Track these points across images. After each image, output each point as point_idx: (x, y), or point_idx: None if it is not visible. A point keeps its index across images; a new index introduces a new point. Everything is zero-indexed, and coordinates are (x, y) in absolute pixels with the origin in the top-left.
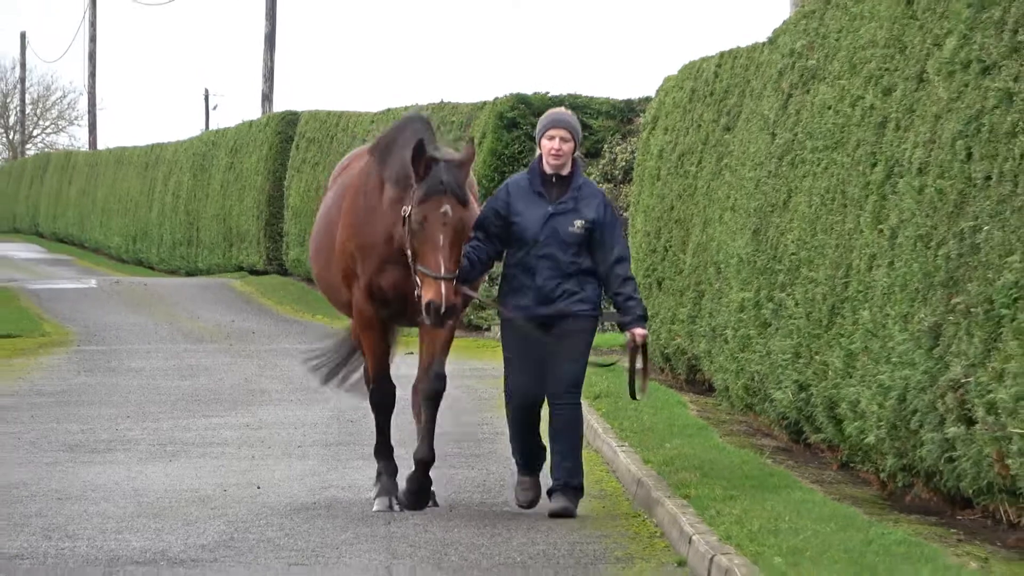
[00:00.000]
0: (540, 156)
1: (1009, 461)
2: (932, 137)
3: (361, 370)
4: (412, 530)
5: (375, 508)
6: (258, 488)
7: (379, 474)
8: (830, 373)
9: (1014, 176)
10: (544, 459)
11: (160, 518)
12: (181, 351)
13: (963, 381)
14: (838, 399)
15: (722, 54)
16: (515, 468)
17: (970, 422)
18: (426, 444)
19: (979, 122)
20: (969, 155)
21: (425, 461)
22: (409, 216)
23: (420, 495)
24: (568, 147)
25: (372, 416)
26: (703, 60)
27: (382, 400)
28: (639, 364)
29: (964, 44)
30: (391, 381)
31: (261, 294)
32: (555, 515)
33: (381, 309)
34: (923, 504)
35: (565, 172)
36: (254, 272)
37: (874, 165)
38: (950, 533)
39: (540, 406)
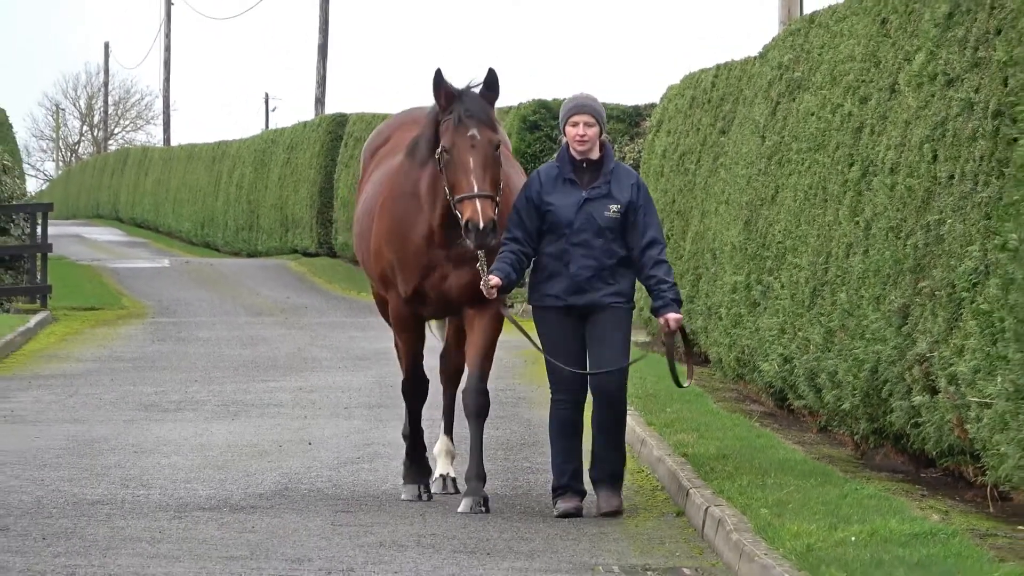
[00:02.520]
0: (567, 144)
1: (968, 426)
2: (902, 141)
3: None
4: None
5: (403, 497)
6: (309, 444)
7: (407, 464)
8: (811, 347)
9: (974, 176)
10: (582, 474)
11: (223, 470)
12: (242, 323)
13: (928, 356)
14: (818, 370)
15: (718, 66)
16: (552, 475)
17: (934, 392)
18: (475, 462)
19: (944, 128)
20: (935, 157)
21: (479, 478)
22: (440, 153)
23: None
24: (593, 131)
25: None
26: (702, 71)
27: (414, 390)
28: (680, 349)
29: (931, 59)
30: (425, 377)
31: (313, 274)
32: (606, 515)
33: (422, 309)
34: (892, 464)
35: (595, 156)
36: (307, 254)
37: (851, 165)
38: (915, 489)
39: (584, 401)
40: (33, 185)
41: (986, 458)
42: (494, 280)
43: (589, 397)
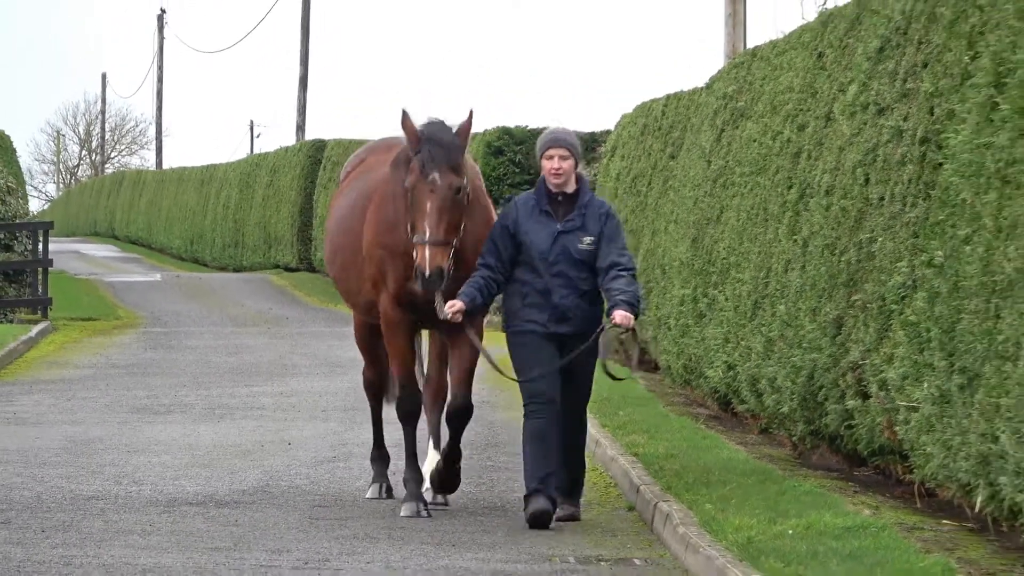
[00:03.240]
0: (543, 177)
1: (897, 428)
2: (837, 165)
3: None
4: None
5: (403, 513)
6: (289, 444)
7: (406, 480)
8: (753, 355)
9: (903, 198)
10: (553, 481)
11: (209, 468)
12: (228, 333)
13: (860, 363)
14: (759, 376)
15: (668, 96)
16: (526, 486)
17: (865, 396)
18: (453, 445)
19: (875, 154)
20: (867, 180)
21: (453, 458)
22: (405, 189)
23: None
24: (568, 164)
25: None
26: (653, 101)
27: (411, 409)
28: (635, 352)
29: (864, 90)
30: (419, 388)
31: (293, 287)
32: (563, 520)
33: (410, 314)
34: (827, 463)
35: (570, 190)
36: (288, 269)
37: (790, 187)
38: (849, 486)
39: (558, 412)
40: (35, 205)
41: (914, 457)
42: (458, 305)
43: None
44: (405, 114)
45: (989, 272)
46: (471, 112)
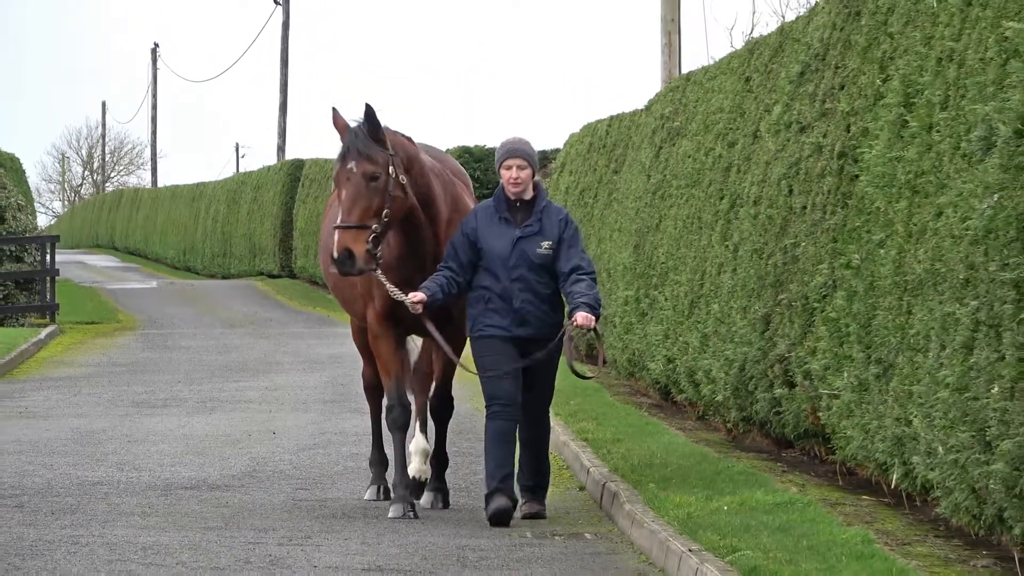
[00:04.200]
0: (502, 185)
1: (820, 414)
2: (763, 178)
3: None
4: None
5: (391, 514)
6: (274, 433)
7: (394, 485)
8: (690, 350)
9: (823, 207)
10: (513, 480)
11: (202, 455)
12: (218, 334)
13: (786, 356)
14: (696, 368)
15: (611, 117)
16: (488, 483)
17: (791, 385)
18: (439, 448)
19: (798, 167)
20: (791, 191)
21: (441, 463)
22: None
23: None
24: (526, 174)
25: (360, 390)
26: (598, 121)
27: (400, 420)
28: (578, 347)
29: (787, 110)
30: (407, 397)
31: (276, 292)
32: (528, 517)
33: (395, 328)
34: (758, 445)
35: (528, 196)
36: (271, 276)
37: (722, 198)
38: (777, 466)
39: (518, 413)
40: (43, 220)
41: (835, 440)
42: (419, 296)
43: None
44: (335, 111)
45: (901, 273)
46: (368, 106)
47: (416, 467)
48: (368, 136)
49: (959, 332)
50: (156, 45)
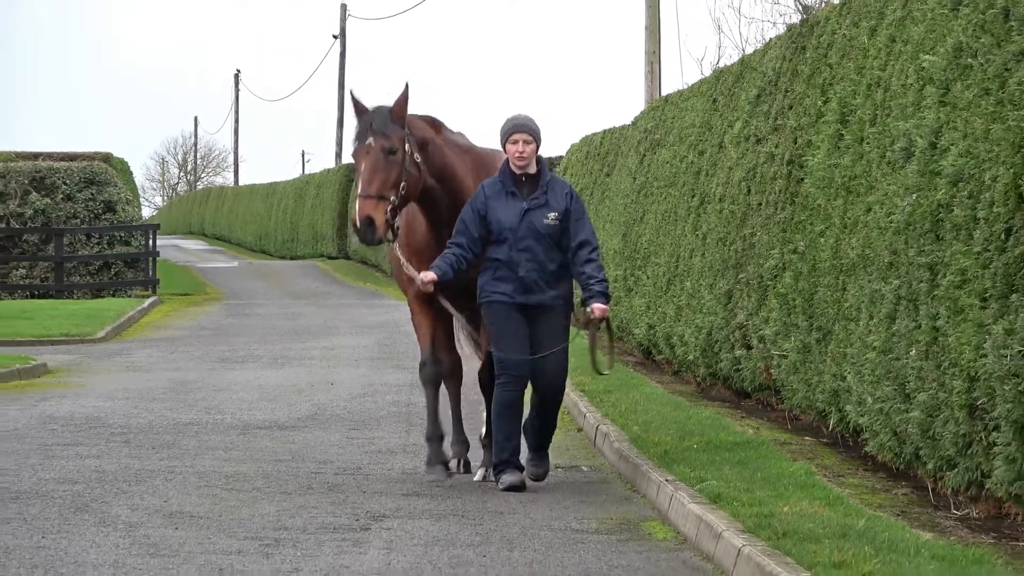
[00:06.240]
0: (507, 160)
1: (772, 371)
2: (727, 180)
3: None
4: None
5: (428, 477)
6: (331, 384)
7: (429, 439)
8: (667, 318)
9: (775, 204)
10: (519, 451)
11: (273, 402)
12: (286, 304)
13: (745, 324)
14: (672, 334)
15: (604, 131)
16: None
17: (749, 348)
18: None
19: (755, 172)
20: (749, 191)
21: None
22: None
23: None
24: (531, 148)
25: (403, 350)
26: (593, 134)
27: (428, 378)
28: (605, 340)
29: (746, 126)
30: (438, 360)
31: (334, 270)
32: (534, 479)
33: (432, 306)
34: (722, 396)
35: (532, 171)
36: (330, 257)
37: (693, 196)
38: (737, 413)
39: (526, 385)
40: (146, 212)
41: (784, 392)
42: (430, 275)
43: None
44: (351, 95)
45: (838, 257)
46: (407, 85)
47: (480, 476)
48: (387, 115)
49: (884, 305)
50: (238, 71)
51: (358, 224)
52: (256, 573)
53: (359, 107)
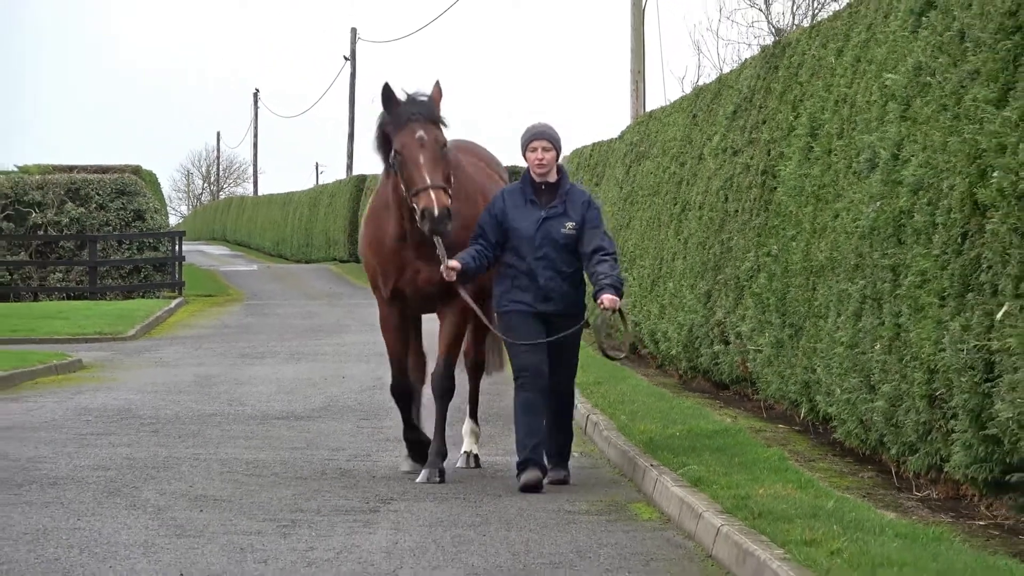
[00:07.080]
0: (528, 168)
1: (748, 364)
2: (706, 189)
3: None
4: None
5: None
6: (343, 378)
7: (407, 439)
8: (652, 316)
9: (750, 210)
10: (543, 449)
11: (290, 394)
12: (302, 304)
13: (723, 321)
14: (656, 330)
15: (594, 144)
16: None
17: (727, 343)
18: (438, 439)
19: (732, 181)
20: (726, 199)
21: (439, 454)
22: (393, 156)
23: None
24: (550, 156)
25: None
26: (583, 146)
27: (399, 393)
28: (619, 327)
29: (724, 139)
30: (408, 378)
31: (345, 273)
32: (554, 483)
33: (404, 309)
34: (702, 387)
35: (552, 179)
36: (341, 261)
37: (675, 204)
38: (716, 403)
39: (546, 384)
40: (173, 220)
41: (759, 384)
42: (453, 263)
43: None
44: (387, 86)
45: (808, 260)
46: (437, 82)
47: (468, 444)
48: (433, 109)
49: (851, 304)
50: (257, 90)
51: (436, 212)
52: (274, 552)
53: (394, 99)
